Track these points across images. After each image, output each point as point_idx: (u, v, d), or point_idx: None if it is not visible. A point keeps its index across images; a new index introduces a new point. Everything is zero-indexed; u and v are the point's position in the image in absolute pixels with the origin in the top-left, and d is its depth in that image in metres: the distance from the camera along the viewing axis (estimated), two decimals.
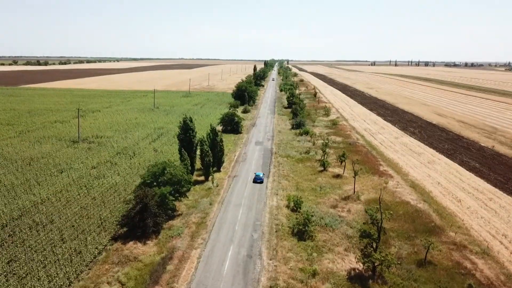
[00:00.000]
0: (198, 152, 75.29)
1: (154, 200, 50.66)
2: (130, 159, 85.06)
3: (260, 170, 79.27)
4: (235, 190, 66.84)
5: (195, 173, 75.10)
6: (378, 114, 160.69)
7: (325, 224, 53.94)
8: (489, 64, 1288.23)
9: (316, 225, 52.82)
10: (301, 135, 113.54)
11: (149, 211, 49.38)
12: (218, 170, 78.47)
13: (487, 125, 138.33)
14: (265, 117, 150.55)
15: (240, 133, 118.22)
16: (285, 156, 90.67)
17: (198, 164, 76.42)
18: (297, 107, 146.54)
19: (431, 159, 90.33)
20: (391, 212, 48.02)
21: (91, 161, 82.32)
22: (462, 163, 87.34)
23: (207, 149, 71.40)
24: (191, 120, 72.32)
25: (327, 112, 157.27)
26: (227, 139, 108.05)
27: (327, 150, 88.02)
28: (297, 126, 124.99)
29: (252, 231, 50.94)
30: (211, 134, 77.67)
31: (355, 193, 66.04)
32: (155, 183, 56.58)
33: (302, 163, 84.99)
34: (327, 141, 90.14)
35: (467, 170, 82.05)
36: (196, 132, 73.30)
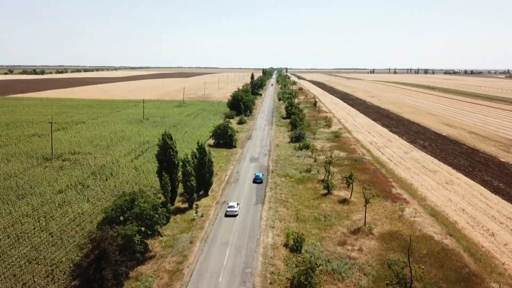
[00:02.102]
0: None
1: (115, 244, 39.87)
2: (106, 180, 74.31)
3: (254, 194, 68.66)
4: (222, 222, 55.92)
5: (178, 198, 64.41)
6: (383, 125, 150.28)
7: (332, 270, 43.13)
8: (489, 72, 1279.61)
9: (321, 272, 41.97)
10: (301, 149, 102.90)
11: (108, 259, 38.53)
12: (206, 194, 67.75)
13: (501, 136, 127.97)
14: (262, 129, 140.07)
15: (234, 147, 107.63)
16: (283, 175, 79.97)
17: (182, 187, 65.55)
18: (296, 118, 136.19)
19: (449, 178, 79.67)
20: (423, 267, 37.23)
21: (59, 183, 71.56)
22: (484, 183, 76.69)
23: (190, 171, 60.66)
24: (170, 138, 61.70)
25: (328, 123, 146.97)
26: (219, 155, 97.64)
27: (331, 168, 77.42)
28: (296, 139, 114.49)
29: (240, 283, 39.97)
30: (198, 152, 67.13)
31: (367, 224, 55.26)
32: (121, 218, 45.90)
33: (303, 184, 74.33)
34: (330, 159, 79.54)
35: (492, 192, 71.33)
36: (177, 152, 62.63)
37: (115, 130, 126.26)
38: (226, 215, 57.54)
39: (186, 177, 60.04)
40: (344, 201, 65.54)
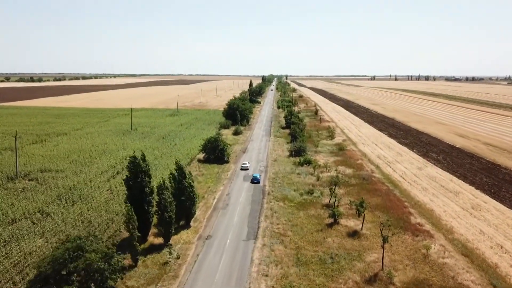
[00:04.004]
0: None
1: None
2: (72, 205, 63.02)
3: (245, 224, 57.39)
4: (203, 268, 44.39)
5: (152, 230, 53.03)
6: (390, 136, 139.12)
7: None
8: (490, 78, 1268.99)
9: None
10: (302, 165, 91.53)
11: None
12: (187, 225, 56.40)
13: None
14: (259, 140, 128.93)
15: (227, 162, 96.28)
16: (281, 198, 68.61)
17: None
18: (296, 128, 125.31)
19: (474, 202, 68.28)
20: None
21: (15, 210, 60.19)
22: None
23: (168, 201, 49.34)
24: (143, 159, 50.58)
25: (331, 134, 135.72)
26: (209, 172, 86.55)
27: (336, 189, 66.09)
28: (296, 152, 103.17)
29: None
30: (177, 175, 55.93)
31: (385, 269, 43.85)
32: (63, 272, 34.58)
33: (304, 210, 62.95)
34: (336, 180, 68.17)
35: None
36: (151, 176, 51.42)
37: (98, 143, 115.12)
38: (241, 169, 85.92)
39: (162, 208, 48.67)
40: (354, 233, 54.19)
